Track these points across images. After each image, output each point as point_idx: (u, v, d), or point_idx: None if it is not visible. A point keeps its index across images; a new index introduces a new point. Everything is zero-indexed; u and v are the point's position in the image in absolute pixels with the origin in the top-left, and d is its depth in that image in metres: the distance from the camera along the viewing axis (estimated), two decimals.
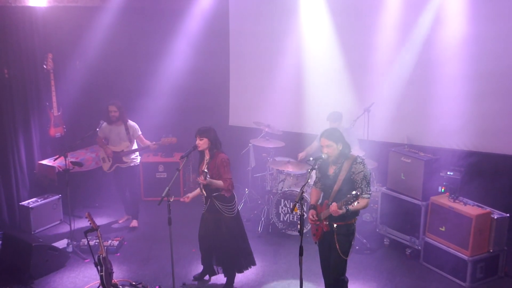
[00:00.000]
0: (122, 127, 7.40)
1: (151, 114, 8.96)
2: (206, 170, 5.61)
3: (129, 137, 7.41)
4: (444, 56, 7.42)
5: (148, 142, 7.41)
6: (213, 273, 6.16)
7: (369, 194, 4.83)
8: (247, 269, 6.07)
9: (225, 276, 6.01)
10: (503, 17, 7.01)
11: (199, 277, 6.21)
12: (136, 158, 7.62)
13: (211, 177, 5.60)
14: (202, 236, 5.99)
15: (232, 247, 5.84)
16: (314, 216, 5.02)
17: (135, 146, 7.54)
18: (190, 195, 5.97)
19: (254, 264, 6.12)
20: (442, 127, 7.60)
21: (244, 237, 6.03)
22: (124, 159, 7.43)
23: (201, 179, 5.58)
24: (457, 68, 7.32)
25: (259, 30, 8.88)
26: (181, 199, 5.96)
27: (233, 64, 9.32)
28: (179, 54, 9.08)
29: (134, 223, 7.77)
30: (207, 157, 5.77)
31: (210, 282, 6.18)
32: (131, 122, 7.46)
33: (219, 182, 5.62)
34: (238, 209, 5.92)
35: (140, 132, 7.48)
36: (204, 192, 5.77)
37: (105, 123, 7.41)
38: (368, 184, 4.83)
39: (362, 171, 4.81)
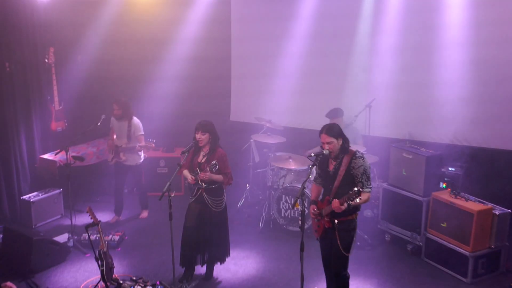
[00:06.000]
0: (126, 123, 7.38)
1: (152, 109, 8.95)
2: (206, 165, 5.61)
3: (129, 135, 7.35)
4: (446, 58, 7.40)
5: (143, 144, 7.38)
6: (195, 263, 6.04)
7: (370, 188, 4.82)
8: (225, 260, 6.11)
9: (207, 266, 6.09)
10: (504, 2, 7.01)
11: (182, 279, 5.96)
12: (140, 157, 7.53)
13: (211, 171, 5.59)
14: (189, 228, 5.87)
15: (217, 238, 5.87)
16: (316, 210, 5.00)
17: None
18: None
19: (229, 255, 6.15)
20: (443, 122, 7.58)
21: (227, 229, 6.03)
22: (121, 155, 7.37)
23: (206, 174, 5.53)
24: (459, 69, 7.31)
25: (261, 17, 8.84)
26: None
27: (235, 54, 9.30)
28: (182, 44, 9.03)
29: (144, 213, 7.91)
30: (204, 150, 5.77)
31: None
32: (135, 120, 7.40)
33: (219, 177, 5.64)
34: (225, 203, 5.90)
35: (141, 132, 7.38)
36: (202, 184, 5.68)
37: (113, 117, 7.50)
38: (369, 178, 4.82)
39: (362, 165, 4.80)
